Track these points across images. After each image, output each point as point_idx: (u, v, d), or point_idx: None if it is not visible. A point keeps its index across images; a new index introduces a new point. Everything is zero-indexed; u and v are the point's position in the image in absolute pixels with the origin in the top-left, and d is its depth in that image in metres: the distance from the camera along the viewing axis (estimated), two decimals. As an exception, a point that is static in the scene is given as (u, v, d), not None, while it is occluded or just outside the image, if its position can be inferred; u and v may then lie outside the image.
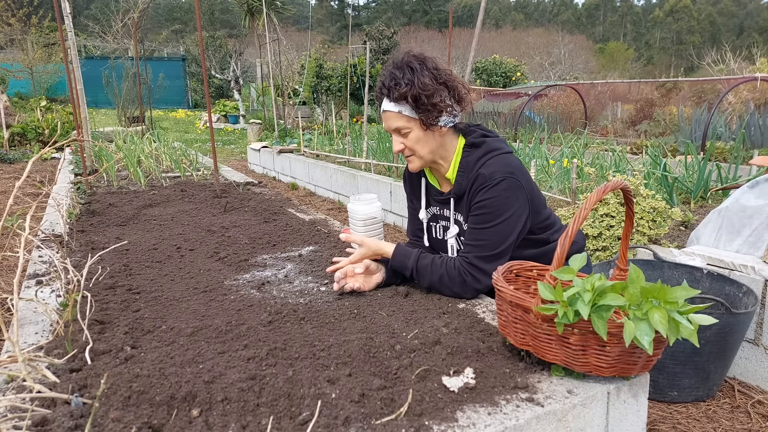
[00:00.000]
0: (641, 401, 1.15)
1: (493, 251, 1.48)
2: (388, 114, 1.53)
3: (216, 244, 2.17)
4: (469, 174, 1.55)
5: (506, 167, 1.50)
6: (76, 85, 4.39)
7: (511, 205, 1.48)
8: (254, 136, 11.53)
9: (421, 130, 1.51)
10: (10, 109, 9.75)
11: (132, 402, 0.97)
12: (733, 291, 2.26)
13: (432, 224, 1.75)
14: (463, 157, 1.58)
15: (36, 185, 5.70)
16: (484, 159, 1.54)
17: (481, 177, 1.50)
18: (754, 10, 57.99)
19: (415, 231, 1.85)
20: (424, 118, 1.48)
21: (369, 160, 6.11)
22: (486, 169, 1.50)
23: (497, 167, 1.50)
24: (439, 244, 1.75)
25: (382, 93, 1.52)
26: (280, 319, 1.41)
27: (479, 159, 1.54)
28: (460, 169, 1.58)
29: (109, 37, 15.44)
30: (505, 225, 1.48)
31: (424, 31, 35.68)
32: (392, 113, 1.51)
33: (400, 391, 1.03)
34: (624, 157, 4.94)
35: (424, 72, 1.46)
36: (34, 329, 1.36)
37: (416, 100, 1.46)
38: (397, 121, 1.52)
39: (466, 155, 1.57)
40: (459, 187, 1.57)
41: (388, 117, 1.53)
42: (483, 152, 1.56)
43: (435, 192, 1.69)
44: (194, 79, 25.34)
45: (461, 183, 1.57)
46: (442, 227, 1.71)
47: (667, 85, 11.18)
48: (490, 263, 1.48)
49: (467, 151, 1.58)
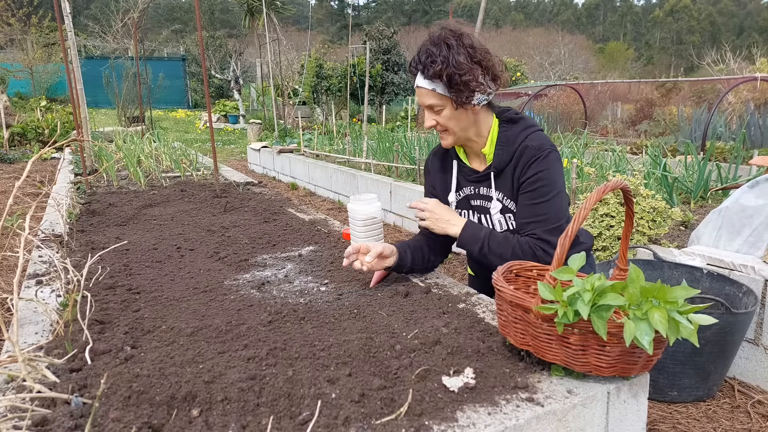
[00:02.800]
0: (641, 401, 1.15)
1: (557, 223, 1.51)
2: (422, 90, 1.51)
3: (216, 244, 2.17)
4: (511, 147, 1.54)
5: (550, 141, 1.53)
6: (76, 85, 4.39)
7: (561, 177, 1.52)
8: (254, 136, 11.53)
9: (453, 108, 1.50)
10: (10, 109, 9.74)
11: (132, 402, 0.97)
12: (733, 291, 2.26)
13: (461, 210, 1.71)
14: (501, 132, 1.57)
15: (36, 185, 5.70)
16: (526, 132, 1.54)
17: (530, 149, 1.50)
18: (754, 10, 57.98)
19: None
20: (456, 97, 1.47)
21: (369, 160, 6.11)
22: (532, 141, 1.51)
23: (542, 140, 1.52)
24: None
25: (417, 68, 1.49)
26: (280, 319, 1.41)
27: (521, 132, 1.55)
28: (499, 143, 1.56)
29: (109, 37, 15.45)
30: (560, 197, 1.52)
31: (424, 31, 35.58)
32: (425, 90, 1.50)
33: (400, 391, 1.03)
34: (624, 157, 4.94)
35: (460, 50, 1.43)
36: (34, 329, 1.36)
37: (450, 79, 1.43)
38: (430, 98, 1.50)
39: (504, 130, 1.57)
40: (499, 160, 1.56)
41: (421, 93, 1.52)
42: (523, 126, 1.56)
43: (469, 171, 1.66)
44: (194, 79, 25.33)
45: (501, 156, 1.56)
46: (479, 207, 1.66)
47: (667, 85, 11.18)
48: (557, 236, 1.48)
49: (505, 126, 1.57)
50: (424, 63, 1.46)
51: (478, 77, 1.46)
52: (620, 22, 63.43)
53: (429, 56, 1.45)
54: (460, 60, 1.42)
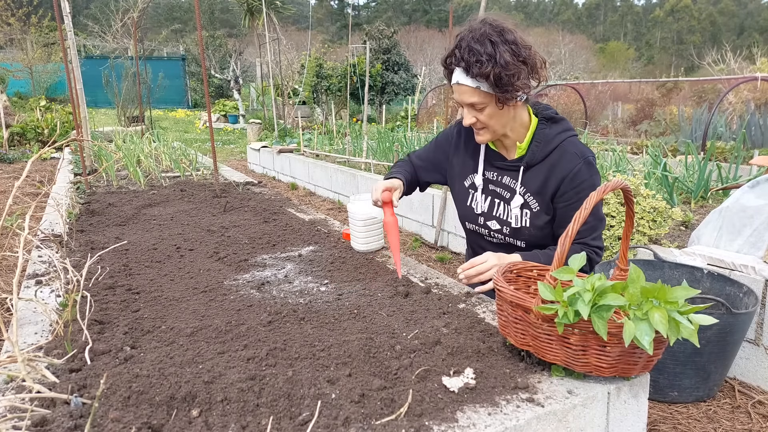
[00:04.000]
0: (641, 401, 1.15)
1: (602, 228, 1.56)
2: (464, 88, 1.46)
3: (216, 244, 2.17)
4: (547, 146, 1.54)
5: (588, 148, 1.55)
6: (76, 85, 4.39)
7: (599, 181, 1.54)
8: (254, 135, 11.53)
9: (497, 107, 1.47)
10: (9, 109, 9.75)
11: (131, 402, 0.97)
12: (734, 291, 2.26)
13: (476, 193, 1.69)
14: (539, 129, 1.56)
15: (35, 185, 5.70)
16: (564, 135, 1.55)
17: (571, 156, 1.51)
18: (754, 9, 57.98)
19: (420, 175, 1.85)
20: (502, 96, 1.44)
21: (369, 160, 6.11)
22: (573, 147, 1.53)
23: (582, 147, 1.54)
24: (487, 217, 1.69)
25: (458, 65, 1.44)
26: (279, 319, 1.41)
27: (559, 134, 1.55)
28: (536, 140, 1.56)
29: (109, 37, 15.43)
30: (600, 201, 1.58)
31: (424, 31, 35.66)
32: (468, 88, 1.45)
33: (400, 392, 1.02)
34: (624, 156, 4.94)
35: (505, 47, 1.40)
36: (33, 329, 1.36)
37: (498, 78, 1.40)
38: (473, 96, 1.46)
39: (542, 127, 1.56)
40: (533, 156, 1.55)
41: (464, 91, 1.46)
42: (562, 128, 1.56)
43: (497, 157, 1.64)
44: (194, 78, 25.33)
45: (535, 153, 1.55)
46: (498, 195, 1.65)
47: (667, 85, 11.18)
48: (602, 239, 1.58)
49: (544, 123, 1.57)
50: (468, 61, 1.41)
51: (524, 77, 1.43)
52: (620, 21, 63.42)
53: (473, 54, 1.40)
54: (507, 59, 1.39)
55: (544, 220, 1.60)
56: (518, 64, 1.41)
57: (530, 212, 1.60)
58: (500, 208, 1.66)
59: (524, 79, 1.44)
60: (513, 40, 1.41)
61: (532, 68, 1.45)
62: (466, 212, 1.75)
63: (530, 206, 1.60)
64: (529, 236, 1.63)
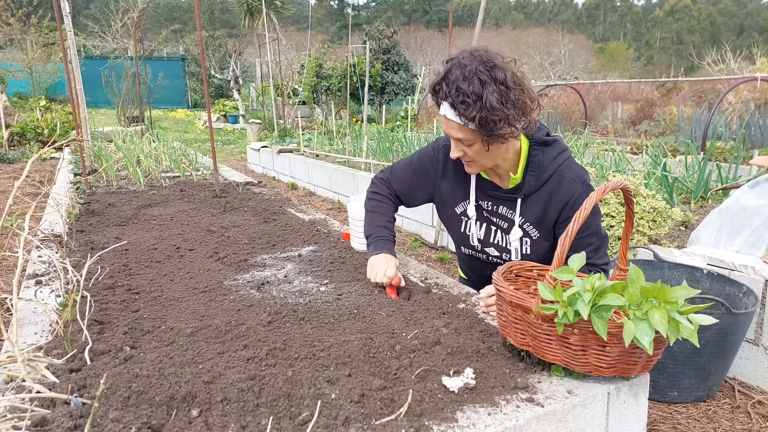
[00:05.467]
0: (641, 401, 1.15)
1: (605, 247, 1.56)
2: (451, 123, 1.41)
3: (215, 244, 2.17)
4: (542, 174, 1.49)
5: (583, 169, 1.53)
6: (76, 85, 4.39)
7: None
8: (254, 135, 11.53)
9: (484, 145, 1.41)
10: (9, 109, 9.74)
11: (131, 402, 0.97)
12: (734, 291, 2.26)
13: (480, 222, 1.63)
14: (532, 156, 1.49)
15: (35, 185, 5.70)
16: (560, 160, 1.49)
17: (569, 183, 1.48)
18: (754, 9, 57.99)
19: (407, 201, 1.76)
20: (487, 139, 1.38)
21: (369, 160, 6.11)
22: (571, 173, 1.48)
23: (579, 170, 1.51)
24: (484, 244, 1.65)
25: (445, 100, 1.38)
26: (279, 319, 1.41)
27: (554, 159, 1.49)
28: (531, 168, 1.49)
29: (109, 37, 15.45)
30: (600, 219, 1.57)
31: (424, 31, 35.69)
32: (455, 123, 1.40)
33: (400, 392, 1.02)
34: (624, 156, 4.94)
35: (493, 88, 1.33)
36: (33, 329, 1.36)
37: (483, 121, 1.34)
38: (459, 132, 1.41)
39: (536, 153, 1.49)
40: (530, 186, 1.50)
41: (451, 126, 1.42)
42: (557, 152, 1.50)
43: (490, 186, 1.57)
44: (194, 78, 25.32)
45: (531, 182, 1.49)
46: (497, 225, 1.61)
47: (667, 85, 11.18)
48: (607, 256, 1.59)
49: (537, 149, 1.50)
50: (454, 101, 1.35)
51: (513, 121, 1.36)
52: (620, 21, 63.45)
53: (460, 94, 1.34)
54: (493, 103, 1.32)
55: (545, 247, 1.58)
56: (505, 108, 1.33)
57: (530, 240, 1.57)
58: (497, 235, 1.62)
59: (513, 123, 1.36)
60: (503, 80, 1.33)
61: (522, 111, 1.37)
62: (461, 238, 1.70)
63: (530, 235, 1.56)
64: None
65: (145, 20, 15.06)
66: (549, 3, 69.78)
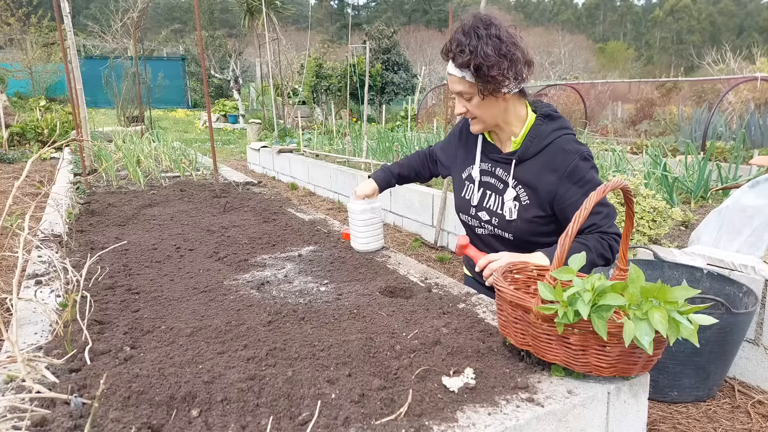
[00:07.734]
0: (641, 401, 1.15)
1: (614, 217, 1.57)
2: (452, 78, 1.56)
3: (215, 244, 2.17)
4: (540, 142, 1.58)
5: (583, 145, 1.58)
6: (76, 85, 4.39)
7: (597, 174, 1.58)
8: (254, 135, 11.53)
9: (480, 97, 1.54)
10: (9, 109, 9.75)
11: (131, 402, 0.97)
12: (734, 291, 2.26)
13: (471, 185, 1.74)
14: (535, 125, 1.60)
15: (35, 185, 5.70)
16: (560, 132, 1.58)
17: (566, 153, 1.54)
18: (754, 9, 57.99)
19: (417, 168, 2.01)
20: (482, 87, 1.50)
21: (369, 160, 6.11)
22: (569, 145, 1.56)
23: (578, 145, 1.57)
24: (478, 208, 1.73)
25: (447, 56, 1.54)
26: (279, 319, 1.41)
27: (554, 131, 1.58)
28: (530, 136, 1.60)
29: (109, 37, 15.44)
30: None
31: (424, 31, 35.65)
32: (455, 77, 1.54)
33: (400, 392, 1.02)
34: (624, 156, 4.94)
35: (488, 41, 1.47)
36: (33, 329, 1.36)
37: (477, 69, 1.47)
38: (459, 85, 1.55)
39: (539, 123, 1.60)
40: (525, 150, 1.59)
41: (452, 80, 1.56)
42: (558, 126, 1.60)
43: (491, 149, 1.70)
44: (194, 78, 25.31)
45: (528, 147, 1.59)
46: (492, 186, 1.70)
47: (667, 85, 11.18)
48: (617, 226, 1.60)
49: (541, 120, 1.61)
50: (454, 52, 1.50)
51: (504, 70, 1.48)
52: (620, 21, 63.44)
53: (458, 45, 1.49)
54: (488, 51, 1.45)
55: (533, 214, 1.61)
56: (498, 57, 1.46)
57: (519, 204, 1.62)
58: (491, 199, 1.69)
59: (505, 73, 1.48)
60: (497, 35, 1.47)
61: (512, 63, 1.49)
62: (462, 203, 1.79)
63: (520, 199, 1.62)
64: (516, 229, 1.63)
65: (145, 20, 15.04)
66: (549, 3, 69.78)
